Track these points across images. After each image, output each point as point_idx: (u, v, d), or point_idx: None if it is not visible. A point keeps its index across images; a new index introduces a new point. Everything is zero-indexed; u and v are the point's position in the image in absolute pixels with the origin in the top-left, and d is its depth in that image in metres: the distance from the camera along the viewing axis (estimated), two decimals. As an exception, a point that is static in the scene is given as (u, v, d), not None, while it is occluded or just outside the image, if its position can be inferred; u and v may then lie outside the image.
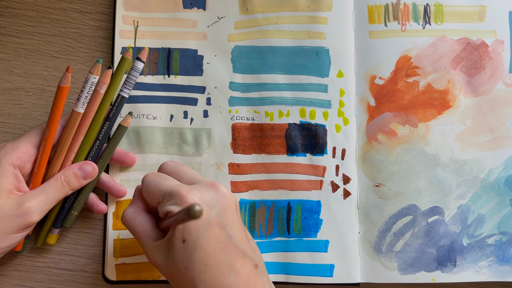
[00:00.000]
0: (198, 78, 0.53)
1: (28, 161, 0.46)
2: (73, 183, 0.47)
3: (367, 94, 0.53)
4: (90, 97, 0.47)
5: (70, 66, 0.45)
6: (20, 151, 0.45)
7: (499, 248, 0.51)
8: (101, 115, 0.48)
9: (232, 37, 0.53)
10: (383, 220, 0.51)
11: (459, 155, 0.52)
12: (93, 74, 0.46)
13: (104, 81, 0.47)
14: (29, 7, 0.54)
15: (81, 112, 0.47)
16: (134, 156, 0.51)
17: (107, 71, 0.47)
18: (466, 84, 0.53)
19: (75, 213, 0.49)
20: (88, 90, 0.46)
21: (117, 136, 0.49)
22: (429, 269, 0.50)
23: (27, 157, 0.46)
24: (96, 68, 0.46)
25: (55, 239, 0.50)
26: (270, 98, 0.52)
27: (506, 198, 0.51)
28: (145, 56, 0.50)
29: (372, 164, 0.52)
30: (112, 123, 0.49)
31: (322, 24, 0.53)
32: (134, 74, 0.50)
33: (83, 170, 0.47)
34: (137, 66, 0.50)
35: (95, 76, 0.46)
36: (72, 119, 0.47)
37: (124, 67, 0.48)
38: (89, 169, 0.47)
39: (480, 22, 0.53)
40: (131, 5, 0.53)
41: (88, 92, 0.46)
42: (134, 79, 0.50)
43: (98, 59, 0.46)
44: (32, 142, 0.46)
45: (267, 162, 0.52)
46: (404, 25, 0.53)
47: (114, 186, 0.50)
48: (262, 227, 0.51)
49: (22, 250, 0.49)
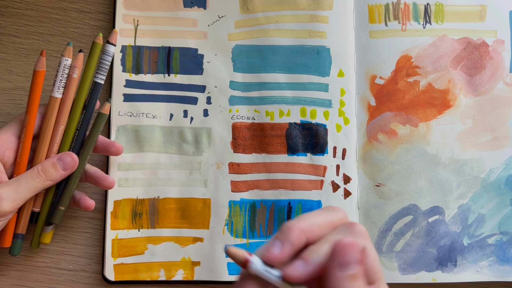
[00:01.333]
0: (198, 77, 0.53)
1: (7, 149, 0.45)
2: (51, 173, 0.45)
3: (368, 93, 0.53)
4: (65, 81, 0.46)
5: (44, 50, 0.45)
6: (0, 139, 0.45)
7: (500, 248, 0.51)
8: (79, 103, 0.47)
9: (233, 36, 0.53)
10: (384, 220, 0.51)
11: (459, 155, 0.52)
12: (64, 57, 0.45)
13: (76, 65, 0.46)
14: (29, 7, 0.54)
15: (58, 97, 0.46)
16: (120, 145, 0.49)
17: (78, 55, 0.46)
18: (467, 83, 0.53)
19: (62, 208, 0.47)
20: (61, 74, 0.46)
21: (97, 125, 0.47)
22: (430, 269, 0.50)
23: (6, 144, 0.45)
24: (67, 50, 0.45)
25: (49, 237, 0.49)
26: (270, 97, 0.52)
27: (507, 198, 0.51)
28: (115, 38, 0.48)
29: (373, 163, 0.52)
30: (90, 111, 0.47)
31: (323, 23, 0.53)
32: (105, 58, 0.48)
33: (62, 160, 0.45)
34: (108, 49, 0.48)
35: (67, 59, 0.46)
36: (50, 105, 0.46)
37: (96, 52, 0.47)
38: (68, 159, 0.46)
39: (480, 22, 0.53)
40: (131, 4, 0.53)
41: (62, 76, 0.46)
42: (107, 64, 0.48)
43: (69, 42, 0.46)
44: (12, 130, 0.46)
45: (267, 162, 0.52)
46: (405, 25, 0.53)
47: (101, 176, 0.48)
48: (262, 227, 0.51)
49: (17, 252, 0.47)
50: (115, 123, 0.52)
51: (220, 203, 0.51)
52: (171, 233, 0.51)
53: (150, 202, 0.51)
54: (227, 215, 0.51)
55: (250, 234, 0.51)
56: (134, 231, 0.51)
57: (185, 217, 0.51)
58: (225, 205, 0.51)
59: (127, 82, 0.52)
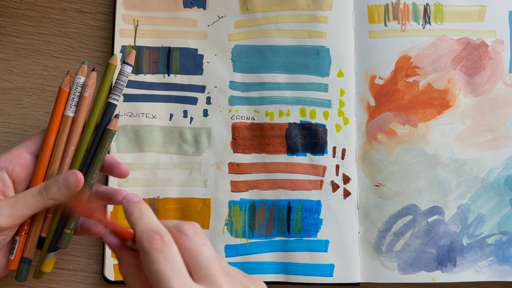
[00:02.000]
0: (198, 77, 0.53)
1: (17, 164, 0.43)
2: (53, 192, 0.42)
3: (367, 93, 0.53)
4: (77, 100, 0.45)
5: (70, 70, 0.44)
6: (10, 154, 0.43)
7: (499, 248, 0.51)
8: (91, 122, 0.45)
9: (232, 36, 0.53)
10: (383, 220, 0.51)
11: (459, 155, 0.52)
12: (78, 75, 0.44)
13: (88, 84, 0.44)
14: (29, 7, 0.54)
15: (70, 116, 0.44)
16: (126, 168, 0.46)
17: (91, 74, 0.45)
18: (466, 84, 0.53)
19: (68, 232, 0.44)
20: (74, 92, 0.44)
21: (103, 142, 0.44)
22: (429, 269, 0.50)
23: (16, 159, 0.43)
24: (81, 69, 0.44)
25: (50, 265, 0.45)
26: (270, 97, 0.52)
27: (506, 198, 0.51)
28: (132, 59, 0.45)
29: (372, 164, 0.52)
30: (100, 132, 0.44)
31: (322, 23, 0.53)
32: (121, 79, 0.45)
33: (66, 179, 0.42)
34: (125, 70, 0.45)
35: (80, 77, 0.44)
36: (62, 123, 0.44)
37: (110, 73, 0.45)
38: (72, 178, 0.42)
39: (480, 22, 0.53)
40: (131, 4, 0.53)
41: (74, 94, 0.44)
42: (123, 84, 0.45)
43: (84, 61, 0.44)
44: (26, 146, 0.44)
45: (267, 162, 0.52)
46: (404, 25, 0.53)
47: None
48: (262, 227, 0.51)
49: (24, 278, 0.44)
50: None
51: (220, 203, 0.51)
52: (171, 233, 0.51)
53: (150, 202, 0.51)
54: (227, 215, 0.51)
55: (250, 234, 0.51)
56: (134, 231, 0.51)
57: (185, 217, 0.51)
58: (225, 205, 0.51)
59: (127, 82, 0.52)
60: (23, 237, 0.44)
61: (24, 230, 0.44)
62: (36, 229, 0.45)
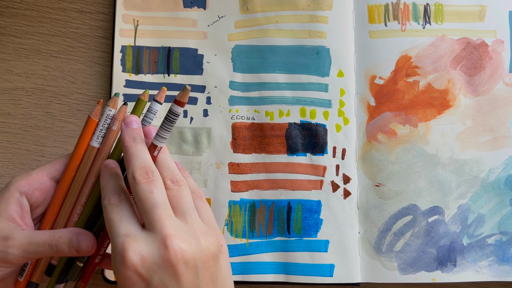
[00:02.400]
0: (198, 77, 0.53)
1: (37, 189, 0.41)
2: (63, 249, 0.39)
3: (367, 93, 0.53)
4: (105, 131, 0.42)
5: (101, 100, 0.42)
6: (31, 178, 0.41)
7: (499, 248, 0.51)
8: (114, 156, 0.43)
9: (232, 36, 0.53)
10: (383, 220, 0.51)
11: (459, 155, 0.52)
12: (109, 107, 0.42)
13: (117, 118, 0.42)
14: (29, 7, 0.54)
15: (95, 147, 0.42)
16: None
17: (121, 107, 0.42)
18: (466, 83, 0.53)
19: (79, 265, 0.42)
20: (103, 123, 0.42)
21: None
22: (429, 269, 0.50)
23: (36, 184, 0.41)
24: (113, 101, 0.42)
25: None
26: (270, 97, 0.52)
27: (506, 198, 0.51)
28: (163, 97, 0.43)
29: (372, 164, 0.52)
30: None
31: (322, 23, 0.53)
32: (149, 116, 0.43)
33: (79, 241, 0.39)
34: (154, 107, 0.43)
35: (111, 109, 0.42)
36: (87, 153, 0.42)
37: (140, 109, 0.43)
38: (84, 244, 0.39)
39: (480, 22, 0.53)
40: (131, 4, 0.53)
41: (103, 126, 0.42)
42: (150, 121, 0.44)
43: (116, 93, 0.42)
44: (47, 170, 0.42)
45: (267, 162, 0.52)
46: (404, 25, 0.53)
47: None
48: (262, 227, 0.51)
49: None
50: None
51: (220, 203, 0.51)
52: (171, 233, 0.51)
53: (150, 202, 0.51)
54: (227, 215, 0.51)
55: (250, 234, 0.51)
56: (134, 231, 0.51)
57: (185, 217, 0.51)
58: (225, 205, 0.51)
59: (127, 82, 0.52)
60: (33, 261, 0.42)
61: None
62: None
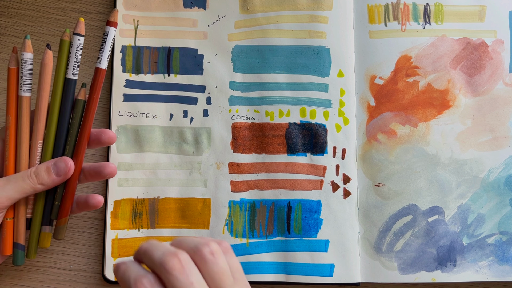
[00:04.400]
0: (198, 77, 0.53)
1: None
2: (43, 177, 0.43)
3: (367, 93, 0.53)
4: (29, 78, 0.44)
5: (15, 46, 0.44)
6: None
7: (499, 248, 0.51)
8: (55, 101, 0.44)
9: (233, 36, 0.53)
10: (383, 219, 0.51)
11: (459, 155, 0.52)
12: (21, 51, 0.44)
13: (44, 62, 0.44)
14: (29, 7, 0.54)
15: (25, 96, 0.44)
16: (112, 133, 0.46)
17: (45, 52, 0.44)
18: (466, 83, 0.53)
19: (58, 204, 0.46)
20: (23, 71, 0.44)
21: (76, 114, 0.45)
22: (429, 268, 0.50)
23: None
24: (25, 45, 0.44)
25: (48, 240, 0.46)
26: (270, 97, 0.52)
27: (506, 198, 0.51)
28: (82, 28, 0.44)
29: (372, 164, 0.52)
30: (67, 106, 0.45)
31: (322, 23, 0.53)
32: (78, 52, 0.45)
33: (56, 165, 0.43)
34: (79, 42, 0.44)
35: (23, 53, 0.44)
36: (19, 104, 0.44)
37: (65, 48, 0.44)
38: (62, 165, 0.43)
39: (480, 22, 0.53)
40: (131, 4, 0.53)
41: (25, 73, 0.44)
42: (79, 56, 0.44)
43: (26, 35, 0.44)
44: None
45: (267, 162, 0.52)
46: (404, 25, 0.53)
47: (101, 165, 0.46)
48: (262, 226, 0.51)
49: (21, 262, 0.46)
50: (115, 123, 0.52)
51: (220, 203, 0.51)
52: (171, 233, 0.51)
53: (150, 202, 0.51)
54: (227, 215, 0.51)
55: (250, 234, 0.51)
56: (134, 231, 0.51)
57: (185, 217, 0.51)
58: (225, 205, 0.51)
59: (127, 82, 0.52)
60: (9, 222, 0.45)
61: (9, 216, 0.45)
62: (22, 213, 0.45)
